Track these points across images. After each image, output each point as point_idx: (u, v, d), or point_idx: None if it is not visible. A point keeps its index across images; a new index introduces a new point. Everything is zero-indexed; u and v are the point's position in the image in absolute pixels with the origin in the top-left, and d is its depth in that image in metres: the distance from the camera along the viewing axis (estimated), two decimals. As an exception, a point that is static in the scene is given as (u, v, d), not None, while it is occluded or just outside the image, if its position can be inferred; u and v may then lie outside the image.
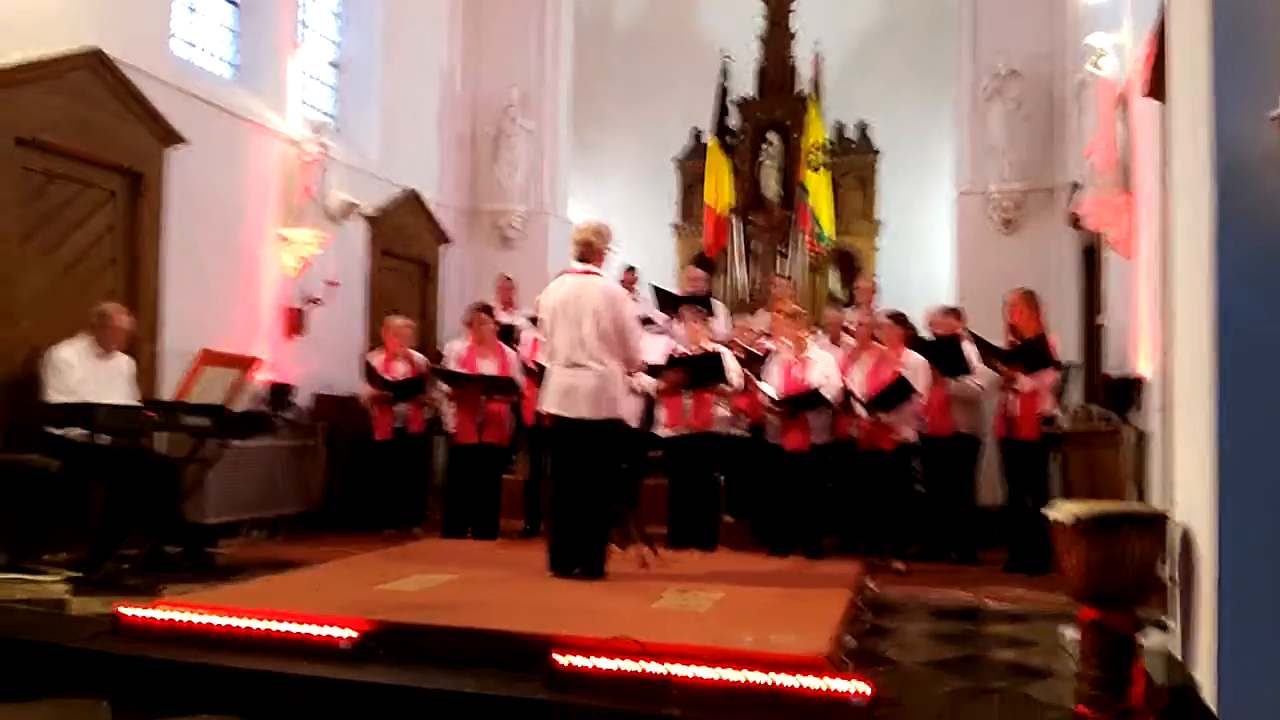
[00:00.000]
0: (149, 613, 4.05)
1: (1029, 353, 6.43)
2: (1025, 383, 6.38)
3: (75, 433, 5.25)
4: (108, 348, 5.73)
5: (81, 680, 3.77)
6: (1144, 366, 5.81)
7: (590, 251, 5.40)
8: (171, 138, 6.81)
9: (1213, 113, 2.97)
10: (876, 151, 11.19)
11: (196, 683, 3.70)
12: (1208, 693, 2.94)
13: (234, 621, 3.94)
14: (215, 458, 5.98)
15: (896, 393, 6.29)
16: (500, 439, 7.15)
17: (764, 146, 11.18)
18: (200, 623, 3.97)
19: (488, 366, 7.11)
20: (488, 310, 7.45)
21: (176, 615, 4.02)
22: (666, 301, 8.39)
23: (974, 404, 6.83)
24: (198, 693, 3.67)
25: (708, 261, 10.90)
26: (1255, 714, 2.76)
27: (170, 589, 4.89)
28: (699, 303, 7.52)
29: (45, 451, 5.36)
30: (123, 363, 5.87)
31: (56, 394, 5.41)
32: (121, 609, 4.08)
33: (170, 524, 5.54)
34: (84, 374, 5.55)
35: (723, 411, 6.58)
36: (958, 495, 6.83)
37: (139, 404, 5.58)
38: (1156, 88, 5.01)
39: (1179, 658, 3.42)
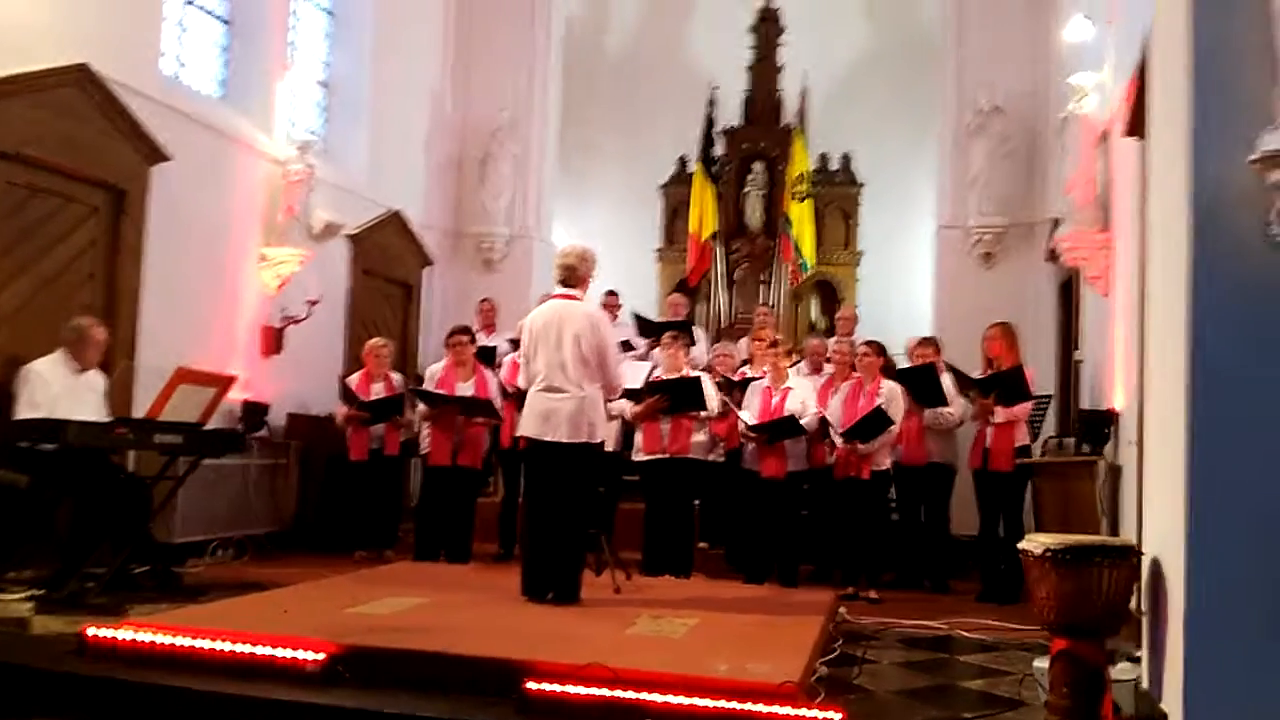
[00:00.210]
0: (114, 633, 3.99)
1: (1003, 382, 6.47)
2: (1000, 414, 6.42)
3: (46, 447, 5.19)
4: (83, 363, 5.69)
5: (45, 702, 3.70)
6: (1118, 400, 5.86)
7: (573, 276, 5.41)
8: (156, 155, 6.79)
9: (1191, 153, 3.02)
10: (860, 183, 11.28)
11: (162, 705, 3.64)
12: (1176, 726, 2.95)
13: (200, 643, 3.88)
14: (186, 476, 5.93)
15: (873, 423, 6.31)
16: (474, 462, 7.11)
17: (749, 175, 11.25)
18: (166, 644, 3.91)
19: (465, 389, 7.08)
20: (467, 332, 7.43)
21: (142, 636, 3.96)
22: (647, 328, 8.41)
23: (948, 434, 6.87)
24: (163, 715, 3.62)
25: (690, 288, 10.95)
26: (1222, 748, 2.77)
27: (136, 609, 4.84)
28: (680, 329, 7.53)
29: (13, 467, 5.30)
30: (96, 379, 5.83)
31: (28, 409, 5.36)
32: (87, 630, 4.02)
33: (138, 543, 5.47)
34: (58, 389, 5.51)
35: (700, 437, 6.58)
36: (932, 524, 6.85)
37: (110, 420, 5.52)
38: (1137, 127, 5.08)
39: (1148, 689, 3.42)
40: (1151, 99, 3.89)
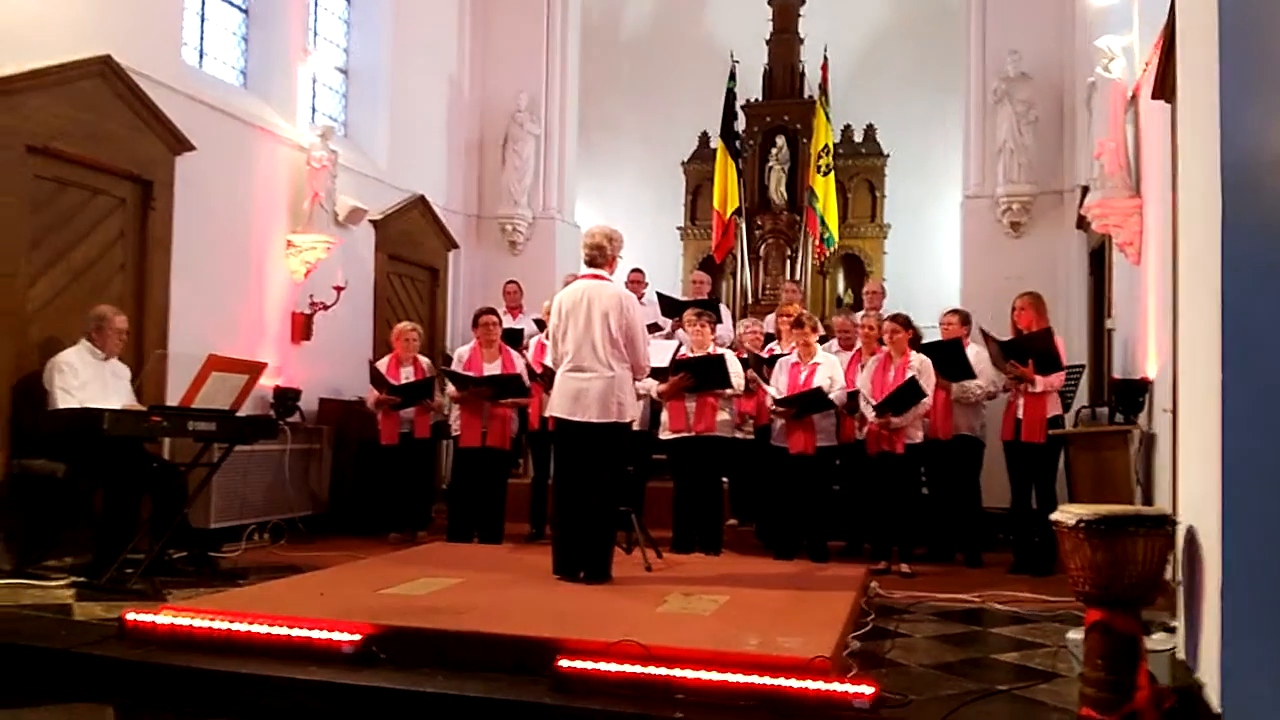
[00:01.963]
0: (154, 618, 4.06)
1: (1033, 345, 6.39)
2: (1040, 383, 6.34)
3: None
4: (106, 351, 5.77)
5: (86, 685, 3.79)
6: (1151, 368, 5.79)
7: (601, 256, 5.42)
8: (181, 145, 6.84)
9: (1221, 116, 2.96)
10: (884, 154, 11.19)
11: (201, 687, 3.71)
12: (1212, 694, 2.93)
13: (238, 626, 3.95)
14: (221, 462, 6.00)
15: (908, 395, 6.27)
16: (503, 443, 7.13)
17: (771, 150, 11.18)
18: (204, 627, 3.99)
19: (492, 370, 7.11)
20: (494, 313, 7.45)
21: (181, 620, 4.03)
22: (671, 308, 8.40)
23: (974, 406, 6.81)
24: (202, 697, 3.69)
25: (715, 265, 10.94)
26: (1259, 715, 2.75)
27: (175, 594, 4.92)
28: (705, 307, 7.51)
29: (51, 456, 5.38)
30: (120, 367, 5.91)
31: (65, 398, 5.44)
32: (127, 614, 4.10)
33: (176, 529, 5.55)
34: (87, 378, 5.60)
35: (725, 415, 6.58)
36: (963, 498, 6.81)
37: (146, 409, 5.60)
38: (1165, 90, 5.00)
39: (1184, 659, 3.40)
40: (1180, 61, 3.82)
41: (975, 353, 6.79)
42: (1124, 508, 3.44)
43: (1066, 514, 3.21)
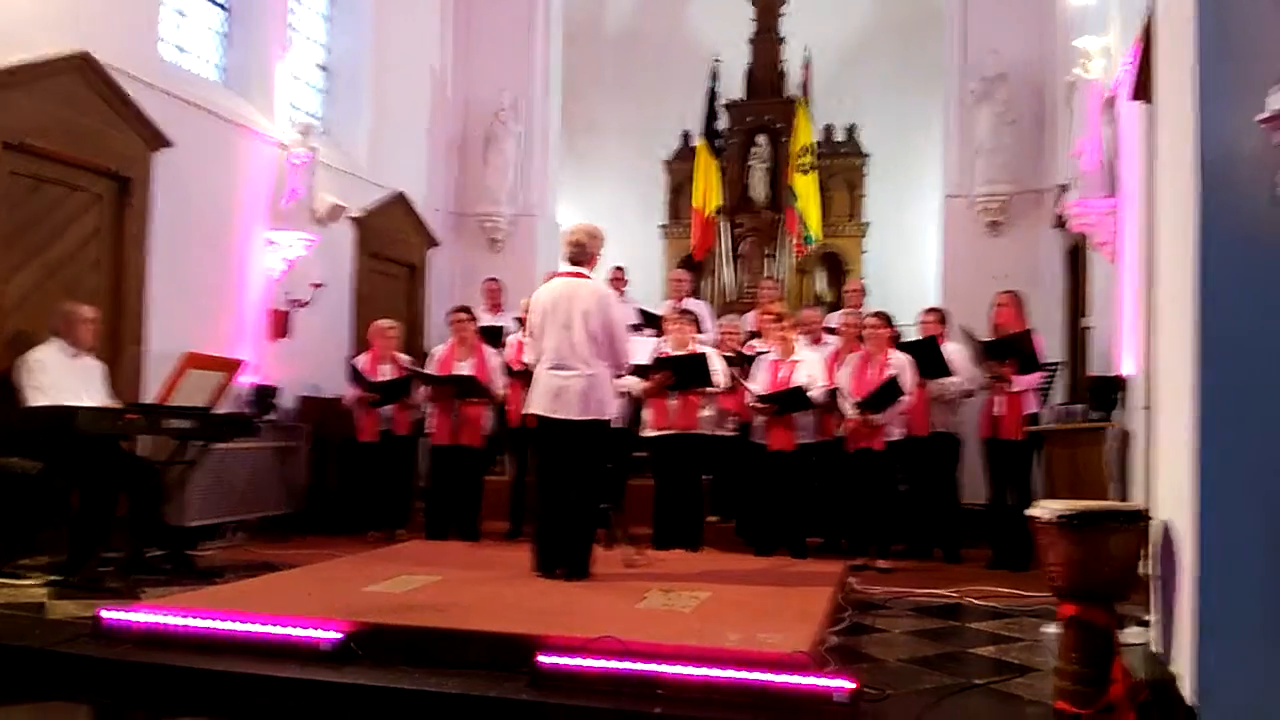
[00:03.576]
0: (129, 615, 4.02)
1: (1012, 347, 6.44)
2: (1018, 383, 6.39)
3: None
4: (78, 346, 5.71)
5: (61, 684, 3.75)
6: (1127, 366, 5.84)
7: (582, 253, 5.41)
8: (159, 141, 6.79)
9: (1198, 116, 2.98)
10: (865, 154, 11.23)
11: (177, 686, 3.68)
12: (1187, 687, 2.95)
13: (215, 624, 3.91)
14: (198, 460, 5.96)
15: (888, 393, 6.30)
16: (475, 441, 7.11)
17: (753, 149, 11.20)
18: (181, 625, 3.94)
19: (465, 368, 7.09)
20: (468, 312, 7.43)
21: (157, 618, 3.99)
22: (652, 323, 8.35)
23: (951, 403, 6.85)
24: (178, 696, 3.66)
25: (695, 263, 10.94)
26: (1233, 708, 2.77)
27: (151, 592, 4.88)
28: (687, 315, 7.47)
29: (25, 454, 5.33)
30: (93, 363, 5.85)
31: (36, 395, 5.39)
32: (102, 612, 4.05)
33: (152, 527, 5.50)
34: (59, 375, 5.54)
35: (708, 412, 6.58)
36: (941, 494, 6.85)
37: (121, 406, 5.55)
38: (1143, 91, 5.04)
39: (1158, 652, 3.43)
40: (1157, 61, 3.85)
41: (953, 351, 6.82)
42: (1100, 503, 3.46)
43: (1043, 509, 3.23)
